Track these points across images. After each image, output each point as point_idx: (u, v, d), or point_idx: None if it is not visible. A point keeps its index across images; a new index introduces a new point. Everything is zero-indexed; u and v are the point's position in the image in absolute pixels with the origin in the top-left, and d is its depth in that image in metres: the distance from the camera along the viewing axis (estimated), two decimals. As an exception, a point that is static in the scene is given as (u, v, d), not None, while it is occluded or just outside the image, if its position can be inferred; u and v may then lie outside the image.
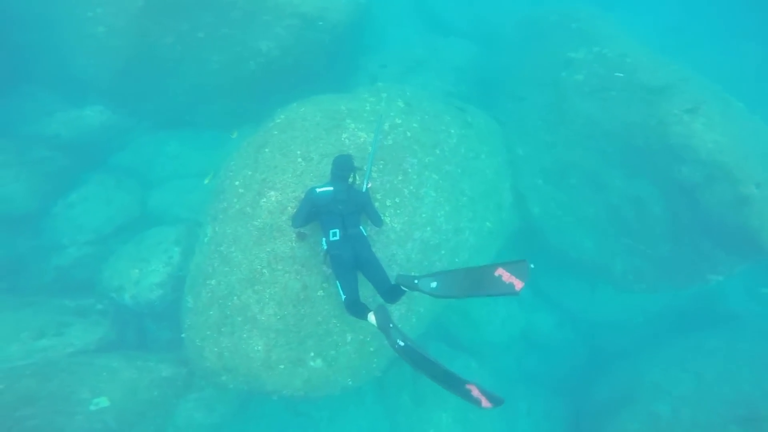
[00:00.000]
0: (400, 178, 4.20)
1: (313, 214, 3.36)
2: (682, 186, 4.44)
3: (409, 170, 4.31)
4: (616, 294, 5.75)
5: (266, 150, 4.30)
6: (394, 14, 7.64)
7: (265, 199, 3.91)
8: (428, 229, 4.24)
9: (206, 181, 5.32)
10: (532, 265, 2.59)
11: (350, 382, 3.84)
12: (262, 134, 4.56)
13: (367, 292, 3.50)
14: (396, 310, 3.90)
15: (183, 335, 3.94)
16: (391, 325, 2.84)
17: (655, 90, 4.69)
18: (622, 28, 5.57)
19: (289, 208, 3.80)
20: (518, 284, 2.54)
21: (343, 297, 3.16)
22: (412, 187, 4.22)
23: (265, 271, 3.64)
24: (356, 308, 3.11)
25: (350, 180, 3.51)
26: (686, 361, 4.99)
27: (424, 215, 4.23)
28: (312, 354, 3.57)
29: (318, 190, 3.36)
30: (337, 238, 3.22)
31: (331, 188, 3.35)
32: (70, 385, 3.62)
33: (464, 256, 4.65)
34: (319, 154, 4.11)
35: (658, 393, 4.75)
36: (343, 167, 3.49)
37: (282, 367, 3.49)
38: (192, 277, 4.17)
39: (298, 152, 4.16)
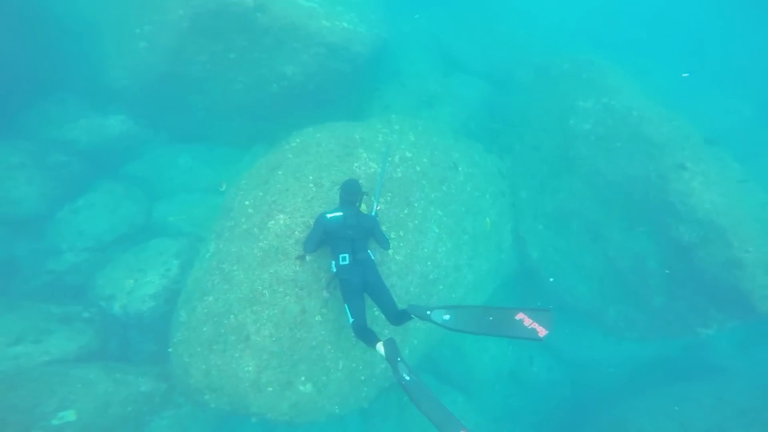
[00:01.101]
0: (405, 211, 4.37)
1: (322, 239, 3.50)
2: (678, 244, 4.59)
3: (415, 204, 4.49)
4: (605, 339, 5.80)
5: (279, 172, 4.48)
6: (412, 49, 8.05)
7: (273, 222, 4.04)
8: (429, 263, 4.37)
9: (222, 188, 5.51)
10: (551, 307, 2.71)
11: (337, 410, 3.83)
12: (276, 156, 4.76)
13: (370, 315, 3.57)
14: (385, 336, 3.96)
15: (170, 349, 3.92)
16: (399, 359, 2.90)
17: (657, 144, 4.91)
18: (631, 81, 5.81)
19: (297, 232, 3.94)
20: (542, 331, 2.66)
21: (351, 320, 3.26)
22: (416, 221, 4.39)
23: (266, 292, 3.73)
24: (364, 333, 3.19)
25: (358, 205, 3.67)
26: (672, 411, 5.01)
27: (425, 250, 4.37)
28: (303, 378, 3.60)
29: (328, 215, 3.50)
30: (347, 262, 3.33)
31: (341, 213, 3.50)
32: (37, 396, 3.50)
33: (461, 293, 4.75)
34: (331, 181, 4.29)
35: None
36: (351, 192, 3.64)
37: (270, 389, 3.50)
38: (188, 292, 4.22)
39: (311, 177, 4.34)
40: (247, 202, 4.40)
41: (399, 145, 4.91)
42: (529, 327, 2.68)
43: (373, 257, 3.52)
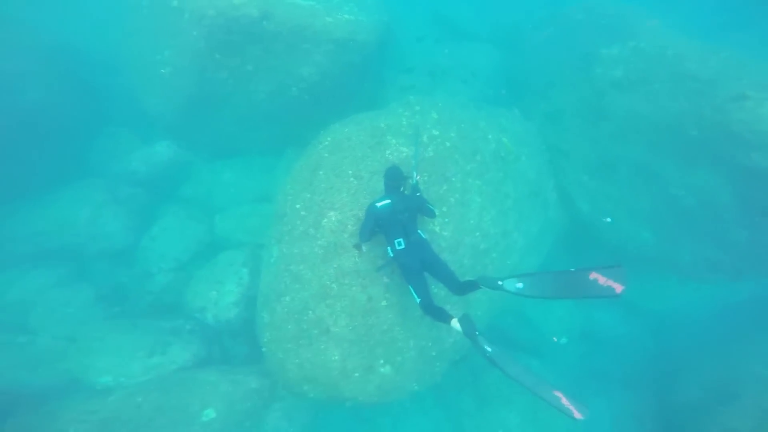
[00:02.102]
0: (444, 187, 4.53)
1: (376, 227, 3.73)
2: (753, 172, 4.32)
3: (453, 179, 4.62)
4: (681, 285, 5.64)
5: (320, 172, 4.77)
6: (415, 28, 7.97)
7: (326, 220, 4.36)
8: (477, 234, 4.54)
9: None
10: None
11: (416, 387, 4.19)
12: (314, 157, 5.04)
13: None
14: (456, 312, 4.21)
15: (263, 349, 4.42)
16: (477, 333, 3.11)
17: (705, 80, 4.61)
18: (656, 20, 5.52)
19: (349, 225, 4.23)
20: (618, 287, 2.78)
21: (418, 300, 3.51)
22: (457, 195, 4.54)
23: (333, 285, 4.08)
24: (434, 311, 3.44)
25: (403, 189, 3.89)
26: None
27: (471, 221, 4.53)
28: (381, 361, 3.96)
29: (378, 204, 3.73)
30: (403, 246, 3.56)
31: (389, 201, 3.72)
32: (185, 398, 4.25)
33: (515, 258, 4.89)
34: (369, 172, 4.53)
35: (765, 385, 4.46)
36: (395, 178, 3.87)
37: (357, 374, 3.90)
38: (264, 295, 4.68)
39: (350, 172, 4.60)
40: (298, 206, 4.74)
41: (424, 125, 5.01)
42: (605, 285, 2.80)
43: (424, 236, 3.75)
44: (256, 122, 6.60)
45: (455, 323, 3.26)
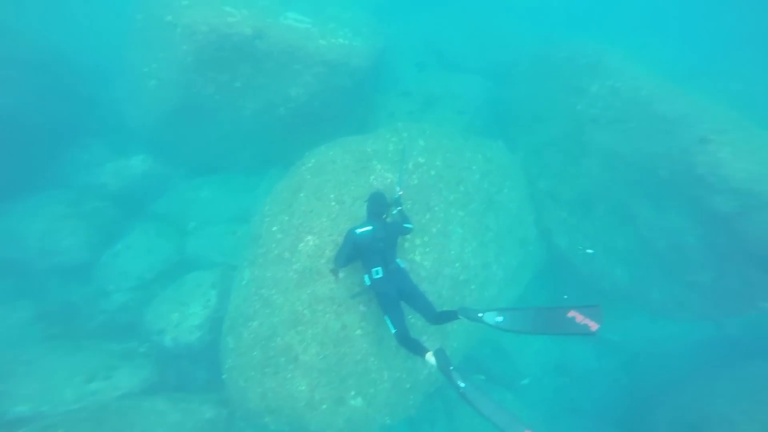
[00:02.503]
0: (427, 216, 4.62)
1: (353, 254, 3.75)
2: (716, 215, 4.60)
3: (436, 208, 4.73)
4: (653, 322, 5.85)
5: (301, 194, 4.79)
6: (408, 55, 8.36)
7: (303, 244, 4.34)
8: (457, 265, 4.60)
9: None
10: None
11: (388, 420, 4.08)
12: (295, 178, 5.07)
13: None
14: (431, 345, 4.19)
15: (224, 376, 4.25)
16: (451, 368, 3.13)
17: (673, 120, 4.99)
18: (631, 61, 5.93)
19: (327, 251, 4.23)
20: (593, 326, 2.91)
21: (394, 330, 3.51)
22: (439, 225, 4.63)
23: (306, 312, 4.02)
24: (410, 343, 3.44)
25: (385, 216, 3.93)
26: (757, 393, 4.84)
27: (452, 252, 4.60)
28: (352, 393, 3.87)
29: (358, 231, 3.74)
30: (381, 276, 3.58)
31: (370, 228, 3.74)
32: (121, 429, 3.92)
33: (493, 291, 4.96)
34: (351, 197, 4.57)
35: (730, 427, 4.60)
36: (379, 204, 3.92)
37: (324, 406, 3.78)
38: (231, 319, 4.55)
39: (332, 196, 4.63)
40: (274, 228, 4.72)
41: (411, 151, 5.16)
42: (581, 323, 2.93)
43: (403, 265, 3.78)
44: (241, 140, 6.66)
45: (430, 357, 3.27)
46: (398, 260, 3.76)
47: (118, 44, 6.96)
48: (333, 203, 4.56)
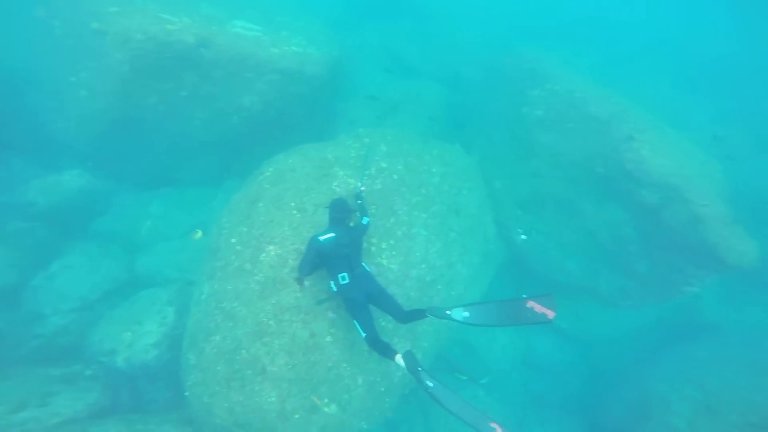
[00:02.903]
0: (392, 220, 4.84)
1: (318, 261, 3.83)
2: (645, 208, 5.30)
3: (399, 212, 4.96)
4: (604, 311, 6.52)
5: (260, 204, 4.81)
6: (365, 62, 8.75)
7: (264, 254, 4.36)
8: (423, 266, 4.84)
9: (196, 236, 5.78)
10: (524, 295, 3.36)
11: (365, 426, 4.16)
12: (253, 188, 5.09)
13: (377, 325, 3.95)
14: (401, 347, 4.37)
15: (186, 393, 4.13)
16: (419, 369, 3.31)
17: (603, 121, 5.69)
18: (565, 66, 6.69)
19: (290, 260, 4.27)
20: (550, 314, 3.27)
21: (364, 335, 3.63)
22: (404, 228, 4.86)
23: (271, 322, 4.02)
24: (380, 346, 3.57)
25: (348, 222, 4.05)
26: (686, 372, 5.59)
27: (417, 254, 4.84)
28: (326, 400, 3.90)
29: (321, 238, 3.83)
30: (347, 281, 3.70)
31: (333, 234, 3.84)
32: None
33: (459, 289, 5.26)
34: (313, 205, 4.66)
35: (669, 406, 5.27)
36: (341, 210, 4.03)
37: (297, 416, 3.77)
38: (191, 335, 4.45)
39: (292, 204, 4.69)
40: (233, 240, 4.70)
41: (374, 155, 5.38)
42: (539, 312, 3.28)
43: (369, 269, 3.95)
44: (192, 151, 6.52)
45: (399, 359, 3.43)
46: (363, 264, 3.90)
47: (33, 52, 6.58)
48: (294, 212, 4.63)
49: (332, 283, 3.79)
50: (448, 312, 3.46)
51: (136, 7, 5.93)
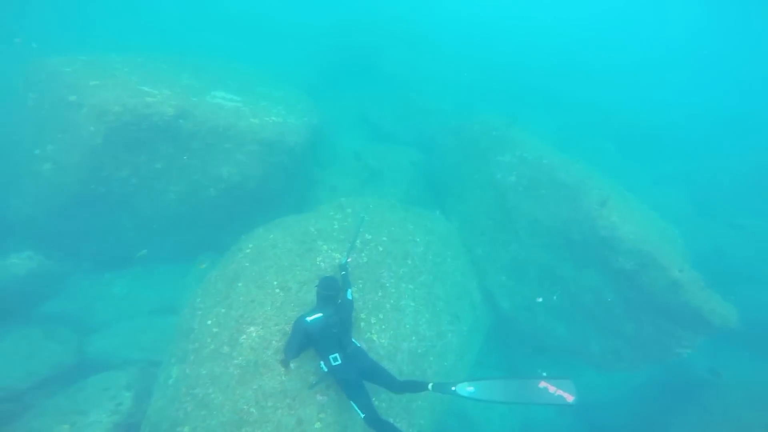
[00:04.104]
0: (380, 294, 5.23)
1: (305, 342, 4.04)
2: (623, 273, 5.90)
3: (387, 285, 5.37)
4: (598, 374, 6.92)
5: (239, 284, 5.05)
6: (343, 129, 9.75)
7: (245, 336, 4.52)
8: (413, 338, 5.15)
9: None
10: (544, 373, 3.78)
11: None
12: (232, 267, 5.34)
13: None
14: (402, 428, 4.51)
15: None
16: None
17: (572, 187, 6.48)
18: (528, 132, 7.72)
19: (274, 342, 4.45)
20: (569, 397, 3.70)
21: (363, 415, 3.78)
22: (392, 301, 5.24)
23: (252, 410, 4.06)
24: (382, 426, 3.72)
25: (338, 301, 4.29)
26: None
27: (407, 326, 5.18)
28: (319, 497, 3.94)
29: (308, 319, 4.05)
30: (339, 362, 3.90)
31: (321, 314, 4.04)
32: None
33: (451, 359, 5.55)
34: (298, 282, 4.97)
35: None
36: (330, 288, 4.23)
37: None
38: (153, 424, 4.36)
39: (275, 283, 4.98)
40: (209, 322, 4.84)
41: (359, 228, 5.78)
42: (556, 394, 3.71)
43: (359, 344, 4.20)
44: (163, 227, 6.76)
45: None
46: (354, 340, 4.15)
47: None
48: (277, 290, 4.89)
49: (322, 363, 3.98)
50: (453, 388, 3.78)
51: (117, 81, 6.51)
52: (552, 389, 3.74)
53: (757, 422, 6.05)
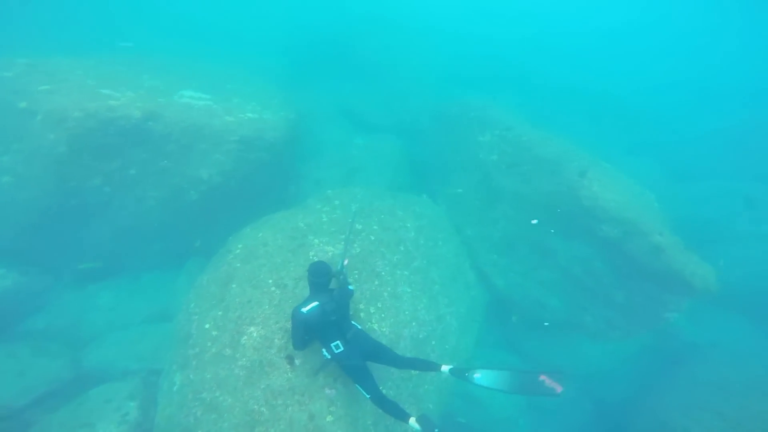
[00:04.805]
0: (376, 283, 5.33)
1: (309, 333, 4.04)
2: (608, 242, 6.17)
3: (382, 273, 5.47)
4: (593, 344, 7.29)
5: (233, 285, 5.06)
6: (322, 121, 9.69)
7: (246, 337, 4.56)
8: (414, 324, 5.29)
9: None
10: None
11: None
12: (223, 269, 5.33)
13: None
14: (414, 411, 4.58)
15: None
16: (436, 430, 3.69)
17: (553, 161, 6.72)
18: (505, 111, 7.94)
19: (276, 340, 4.51)
20: (558, 388, 4.01)
21: (368, 396, 3.94)
22: (389, 288, 5.35)
23: (263, 409, 4.14)
24: (389, 406, 3.88)
25: (330, 287, 4.20)
26: (698, 400, 6.30)
27: (406, 312, 5.31)
28: (338, 486, 4.04)
29: (303, 310, 3.94)
30: (342, 349, 3.97)
31: (316, 303, 3.96)
32: None
33: (453, 341, 5.75)
34: (293, 279, 5.01)
35: None
36: (319, 274, 4.13)
37: None
38: None
39: (270, 281, 5.00)
40: (207, 326, 4.85)
41: (346, 219, 5.88)
42: (549, 386, 4.02)
43: (359, 326, 4.25)
44: (144, 234, 6.66)
45: (414, 422, 3.78)
46: (354, 323, 4.19)
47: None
48: (273, 288, 4.93)
49: (324, 351, 4.05)
50: (466, 374, 4.12)
51: (72, 85, 6.26)
52: (548, 382, 4.08)
53: (738, 380, 6.49)
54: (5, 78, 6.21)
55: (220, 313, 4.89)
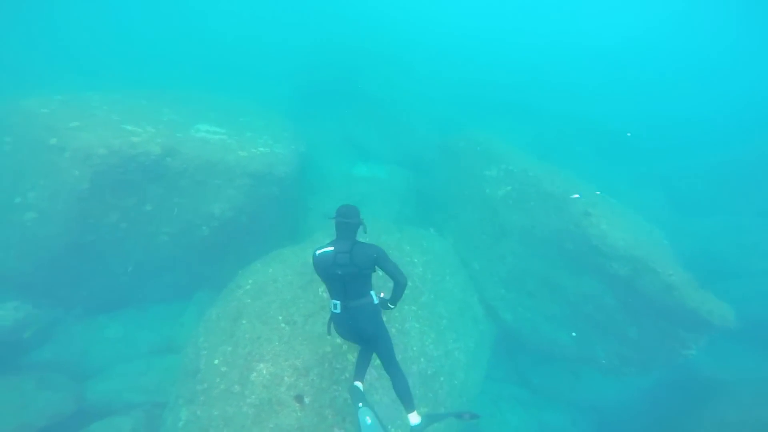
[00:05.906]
0: (384, 318, 5.44)
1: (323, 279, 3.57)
2: (619, 279, 6.21)
3: (390, 308, 5.60)
4: (605, 379, 7.23)
5: (243, 321, 5.17)
6: (331, 154, 10.07)
7: (255, 374, 4.64)
8: (422, 360, 5.35)
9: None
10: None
11: None
12: (233, 304, 5.46)
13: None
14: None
15: None
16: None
17: (559, 197, 6.85)
18: (510, 145, 8.16)
19: (285, 378, 4.58)
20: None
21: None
22: (397, 325, 5.45)
23: None
24: (356, 394, 3.72)
25: (355, 235, 3.66)
26: None
27: (415, 348, 5.39)
28: None
29: (318, 252, 3.54)
30: (338, 311, 3.51)
31: (332, 248, 3.50)
32: None
33: (461, 377, 5.77)
34: (303, 316, 5.12)
35: None
36: (346, 214, 3.59)
37: None
38: (168, 471, 4.37)
39: (280, 318, 5.12)
40: (216, 361, 4.94)
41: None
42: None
43: (376, 300, 3.66)
44: (156, 269, 6.83)
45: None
46: (372, 293, 3.63)
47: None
48: (283, 325, 5.03)
49: (332, 304, 3.62)
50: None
51: (98, 121, 6.52)
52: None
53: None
54: (41, 114, 6.49)
55: (229, 348, 5.00)
